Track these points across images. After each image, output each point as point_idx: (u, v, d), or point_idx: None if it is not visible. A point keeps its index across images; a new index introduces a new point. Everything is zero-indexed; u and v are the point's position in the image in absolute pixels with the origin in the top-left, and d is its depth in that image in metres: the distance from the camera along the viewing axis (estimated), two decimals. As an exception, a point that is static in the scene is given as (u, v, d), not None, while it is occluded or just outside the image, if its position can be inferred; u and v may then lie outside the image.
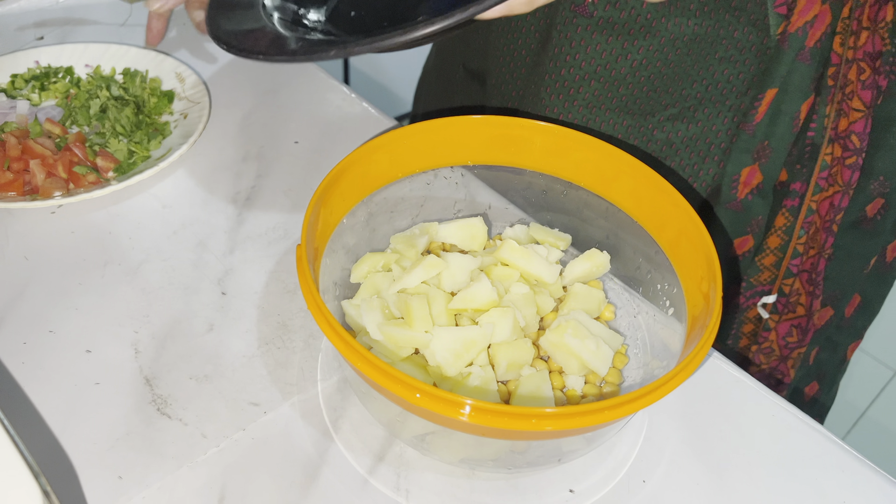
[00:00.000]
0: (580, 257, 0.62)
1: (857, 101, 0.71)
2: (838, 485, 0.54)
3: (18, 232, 0.67)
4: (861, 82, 0.71)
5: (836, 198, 0.74)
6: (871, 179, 0.74)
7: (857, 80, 0.71)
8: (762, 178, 0.75)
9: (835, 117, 0.72)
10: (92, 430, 0.54)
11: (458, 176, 0.67)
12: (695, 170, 0.78)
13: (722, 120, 0.76)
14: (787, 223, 0.76)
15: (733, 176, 0.75)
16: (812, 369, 0.85)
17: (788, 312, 0.80)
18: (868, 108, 0.71)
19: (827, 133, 0.73)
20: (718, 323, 0.50)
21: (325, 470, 0.53)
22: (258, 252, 0.67)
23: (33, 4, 0.94)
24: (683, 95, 0.75)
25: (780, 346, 0.82)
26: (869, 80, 0.70)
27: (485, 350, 0.55)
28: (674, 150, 0.77)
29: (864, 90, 0.71)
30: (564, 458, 0.54)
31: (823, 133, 0.73)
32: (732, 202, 0.76)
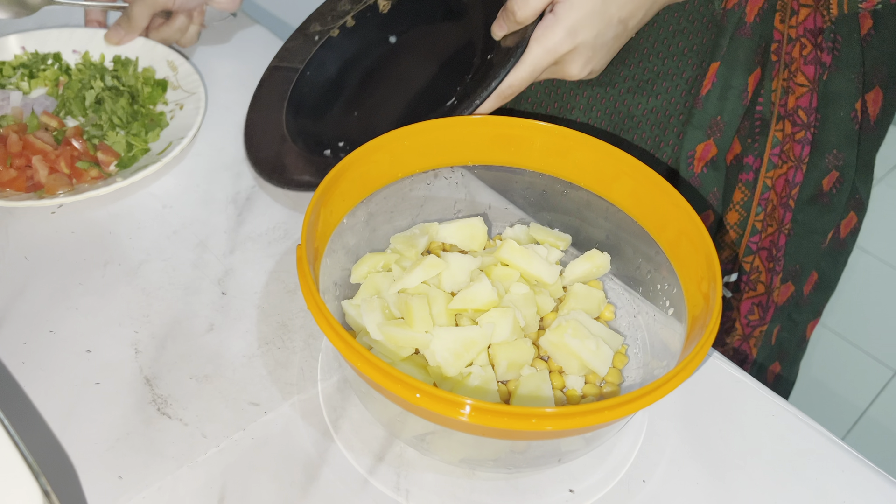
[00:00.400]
0: (580, 258, 0.62)
1: (801, 76, 0.72)
2: (838, 485, 0.54)
3: (18, 232, 0.67)
4: (803, 58, 0.72)
5: (790, 173, 0.75)
6: (825, 153, 0.75)
7: (800, 56, 0.72)
8: (716, 152, 0.76)
9: (782, 94, 0.73)
10: (92, 430, 0.54)
11: (458, 176, 0.67)
12: (656, 142, 0.79)
13: (680, 93, 0.76)
14: (745, 198, 0.77)
15: (689, 152, 0.76)
16: (774, 349, 0.86)
17: (749, 290, 0.81)
18: (812, 83, 0.72)
19: (775, 109, 0.74)
20: (718, 323, 0.50)
21: (325, 470, 0.53)
22: (258, 252, 0.67)
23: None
24: (641, 68, 0.76)
25: (742, 324, 0.84)
26: (811, 56, 0.71)
27: (485, 350, 0.55)
28: (635, 123, 0.78)
29: (806, 66, 0.72)
30: (564, 458, 0.54)
31: (772, 109, 0.74)
32: (692, 178, 0.77)
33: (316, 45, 0.80)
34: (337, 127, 0.74)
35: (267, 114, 0.75)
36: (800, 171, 0.75)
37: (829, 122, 0.74)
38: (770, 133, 0.75)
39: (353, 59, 0.80)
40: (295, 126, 0.74)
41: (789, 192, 0.76)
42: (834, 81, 0.73)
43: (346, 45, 0.80)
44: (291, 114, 0.75)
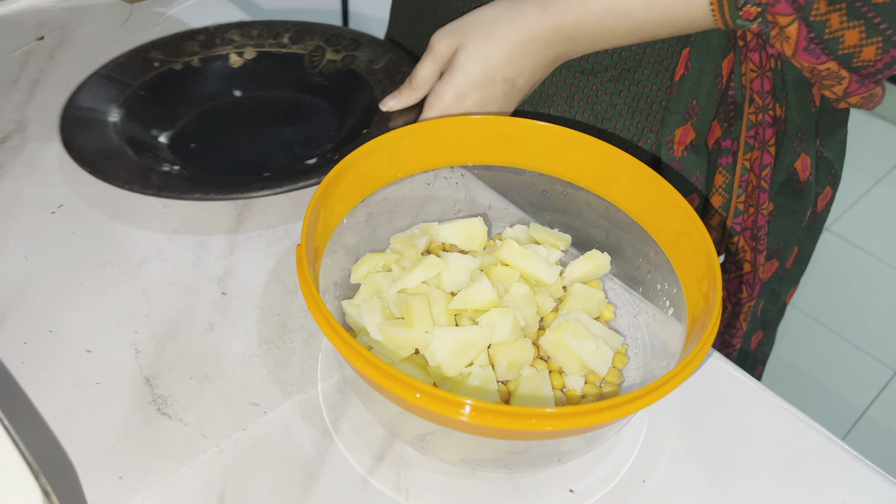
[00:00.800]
0: (580, 258, 0.62)
1: (750, 61, 0.74)
2: (838, 485, 0.54)
3: (18, 232, 0.67)
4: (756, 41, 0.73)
5: (762, 156, 0.77)
6: (793, 137, 0.77)
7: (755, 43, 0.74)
8: (695, 136, 0.78)
9: (751, 77, 0.75)
10: (92, 430, 0.54)
11: (458, 176, 0.67)
12: (639, 129, 0.80)
13: (660, 80, 0.77)
14: (726, 181, 0.79)
15: (668, 137, 0.77)
16: (758, 320, 0.89)
17: (736, 270, 0.83)
18: (759, 67, 0.74)
19: (747, 93, 0.76)
20: (718, 323, 0.50)
21: (325, 470, 0.53)
22: (258, 252, 0.67)
23: (33, 4, 0.94)
24: (623, 57, 0.76)
25: (732, 302, 0.86)
26: (753, 43, 0.73)
27: (485, 350, 0.55)
28: (618, 112, 0.79)
29: (751, 52, 0.74)
30: (564, 458, 0.54)
31: (743, 92, 0.76)
32: (673, 162, 0.78)
33: (155, 71, 0.82)
34: (171, 152, 0.76)
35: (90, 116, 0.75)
36: (766, 153, 0.77)
37: (793, 106, 0.76)
38: (744, 116, 0.77)
39: (195, 95, 0.82)
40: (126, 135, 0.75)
41: (761, 173, 0.79)
42: (789, 67, 0.74)
43: (188, 81, 0.83)
44: (121, 122, 0.76)
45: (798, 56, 0.67)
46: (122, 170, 0.68)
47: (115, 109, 0.77)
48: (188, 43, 0.85)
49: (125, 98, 0.79)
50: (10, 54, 0.87)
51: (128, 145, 0.73)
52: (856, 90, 0.69)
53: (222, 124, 0.80)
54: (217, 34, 0.86)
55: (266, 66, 0.85)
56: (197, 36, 0.86)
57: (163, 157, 0.74)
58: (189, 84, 0.83)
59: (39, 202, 0.70)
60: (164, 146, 0.76)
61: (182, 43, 0.85)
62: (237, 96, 0.83)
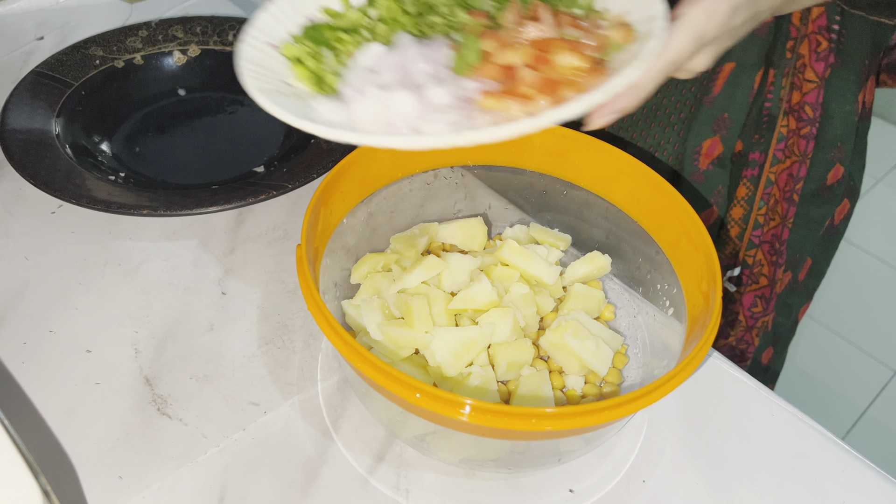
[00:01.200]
0: (581, 259, 0.62)
1: (811, 72, 0.73)
2: (838, 485, 0.54)
3: (18, 232, 0.67)
4: (816, 53, 0.72)
5: (794, 168, 0.76)
6: (831, 147, 0.76)
7: (812, 52, 0.72)
8: (723, 149, 0.76)
9: (790, 90, 0.74)
10: (92, 430, 0.54)
11: (458, 176, 0.67)
12: (656, 140, 0.79)
13: (680, 91, 0.76)
14: (749, 193, 0.78)
15: (695, 148, 0.76)
16: (770, 335, 0.88)
17: (752, 283, 0.82)
18: (820, 79, 0.73)
19: (782, 105, 0.75)
20: (718, 323, 0.50)
21: (325, 470, 0.53)
22: (258, 252, 0.67)
23: (33, 4, 0.94)
24: None
25: (745, 316, 0.85)
26: (824, 52, 0.72)
27: (485, 350, 0.55)
28: (635, 122, 0.78)
29: (817, 62, 0.72)
30: (564, 458, 0.54)
31: (780, 105, 0.75)
32: (695, 174, 0.77)
33: (96, 69, 0.81)
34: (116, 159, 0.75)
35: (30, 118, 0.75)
36: (804, 165, 0.76)
37: (835, 116, 0.75)
38: (776, 128, 0.76)
39: (138, 96, 0.81)
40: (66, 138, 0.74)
41: (793, 186, 0.77)
42: (838, 76, 0.74)
43: (130, 79, 0.82)
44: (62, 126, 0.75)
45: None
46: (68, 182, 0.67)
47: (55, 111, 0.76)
48: (130, 39, 0.84)
49: (65, 99, 0.77)
50: (10, 54, 0.87)
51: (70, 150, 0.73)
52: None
53: (167, 126, 0.79)
54: (159, 30, 0.85)
55: (211, 64, 0.84)
56: (139, 31, 0.84)
57: (107, 164, 0.73)
58: (132, 83, 0.82)
59: (39, 202, 0.70)
60: (107, 153, 0.75)
61: (124, 38, 0.84)
62: (182, 96, 0.83)
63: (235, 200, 0.66)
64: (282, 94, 0.46)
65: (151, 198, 0.67)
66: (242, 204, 0.66)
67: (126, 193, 0.68)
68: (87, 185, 0.67)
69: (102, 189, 0.67)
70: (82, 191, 0.66)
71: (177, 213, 0.65)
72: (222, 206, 0.66)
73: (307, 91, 0.48)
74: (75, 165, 0.70)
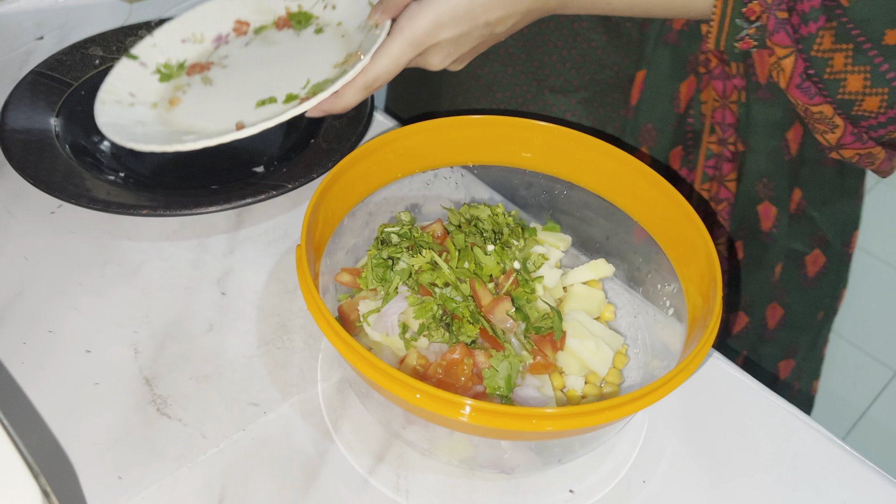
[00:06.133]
0: (585, 266, 0.61)
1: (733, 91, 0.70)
2: (838, 485, 0.54)
3: (18, 232, 0.67)
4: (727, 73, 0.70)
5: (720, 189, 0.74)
6: (756, 180, 0.73)
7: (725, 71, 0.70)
8: (651, 160, 0.74)
9: (713, 108, 0.72)
10: (92, 430, 0.54)
11: (458, 176, 0.67)
12: None
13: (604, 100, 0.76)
14: None
15: None
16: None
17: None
18: (722, 98, 0.70)
19: (707, 121, 0.72)
20: (719, 323, 0.50)
21: (325, 470, 0.53)
22: (258, 252, 0.67)
23: (33, 4, 0.94)
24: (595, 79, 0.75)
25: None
26: (718, 71, 0.69)
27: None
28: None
29: (714, 80, 0.70)
30: (564, 458, 0.54)
31: (703, 120, 0.73)
32: None
33: (95, 69, 0.81)
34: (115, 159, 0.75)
35: (30, 118, 0.74)
36: (724, 187, 0.74)
37: (756, 148, 0.72)
38: (703, 145, 0.74)
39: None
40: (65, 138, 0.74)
41: (717, 207, 0.75)
42: (757, 107, 0.70)
43: None
44: (61, 125, 0.75)
45: (791, 91, 0.62)
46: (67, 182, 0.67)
47: (54, 111, 0.76)
48: (129, 39, 0.84)
49: (65, 99, 0.77)
50: (10, 54, 0.87)
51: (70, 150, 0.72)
52: (850, 143, 0.63)
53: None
54: None
55: None
56: (138, 31, 0.84)
57: (106, 164, 0.73)
58: None
59: (39, 202, 0.70)
60: (106, 153, 0.75)
61: (123, 38, 0.84)
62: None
63: (235, 200, 0.66)
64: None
65: (151, 198, 0.67)
66: (242, 204, 0.66)
67: (126, 193, 0.68)
68: (86, 184, 0.67)
69: (102, 189, 0.67)
70: (81, 190, 0.66)
71: (176, 213, 0.65)
72: (222, 206, 0.66)
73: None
74: (75, 165, 0.70)
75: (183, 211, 0.65)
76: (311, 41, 0.75)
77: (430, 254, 0.56)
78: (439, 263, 0.56)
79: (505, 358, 0.52)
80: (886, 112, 0.59)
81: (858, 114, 0.60)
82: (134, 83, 0.73)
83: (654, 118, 0.73)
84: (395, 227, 0.59)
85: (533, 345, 0.54)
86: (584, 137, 0.61)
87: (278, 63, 0.74)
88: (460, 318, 0.54)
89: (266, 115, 0.64)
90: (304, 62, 0.73)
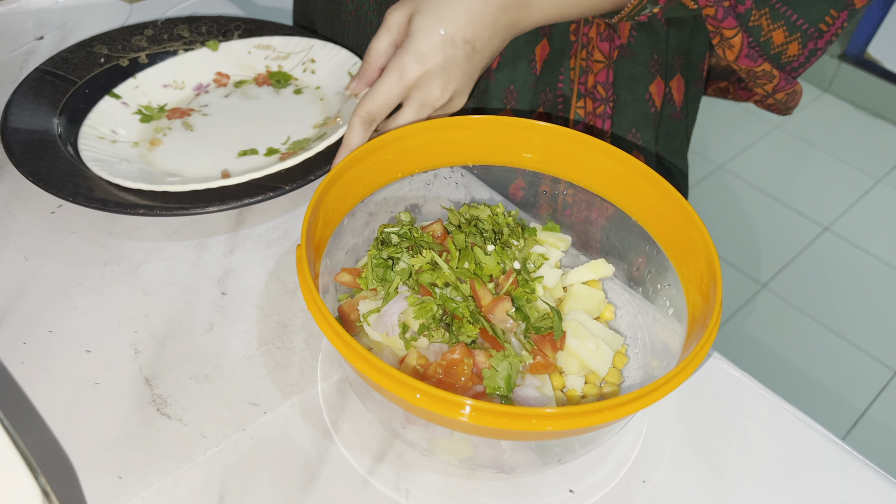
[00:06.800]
0: (585, 266, 0.62)
1: (598, 53, 0.78)
2: (838, 485, 0.54)
3: (18, 232, 0.67)
4: (599, 35, 0.78)
5: None
6: (626, 132, 0.82)
7: (597, 35, 0.78)
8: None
9: (581, 73, 0.79)
10: (92, 430, 0.54)
11: (458, 176, 0.67)
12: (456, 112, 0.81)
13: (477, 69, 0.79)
14: None
15: None
16: None
17: None
18: (607, 58, 0.79)
19: (575, 87, 0.80)
20: (719, 323, 0.50)
21: (325, 470, 0.53)
22: (258, 252, 0.67)
23: (33, 4, 0.94)
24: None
25: None
26: (605, 34, 0.78)
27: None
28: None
29: (602, 42, 0.78)
30: (564, 458, 0.54)
31: (572, 86, 0.80)
32: None
33: (100, 67, 0.81)
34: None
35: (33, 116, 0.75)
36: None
37: (625, 102, 0.80)
38: (572, 109, 0.80)
39: None
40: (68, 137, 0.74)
41: None
42: (627, 64, 0.79)
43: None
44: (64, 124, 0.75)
45: (740, 61, 0.74)
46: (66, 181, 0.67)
47: (57, 109, 0.76)
48: (135, 37, 0.84)
49: (69, 97, 0.77)
50: (10, 54, 0.87)
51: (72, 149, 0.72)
52: (783, 87, 0.78)
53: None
54: (165, 29, 0.85)
55: None
56: (144, 30, 0.85)
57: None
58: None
59: (39, 202, 0.70)
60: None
61: (129, 37, 0.84)
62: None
63: (233, 200, 0.66)
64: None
65: (150, 197, 0.67)
66: (242, 204, 0.66)
67: (125, 193, 0.68)
68: (86, 184, 0.67)
69: (101, 188, 0.67)
70: (81, 189, 0.66)
71: (175, 212, 0.65)
72: (220, 207, 0.66)
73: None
74: (76, 164, 0.70)
75: (182, 211, 0.65)
76: (290, 100, 0.82)
77: (430, 254, 0.56)
78: (439, 263, 0.56)
79: (505, 358, 0.52)
80: (803, 52, 0.74)
81: (785, 61, 0.75)
82: (116, 121, 0.77)
83: (515, 80, 0.79)
84: (395, 228, 0.59)
85: (533, 345, 0.55)
86: (584, 137, 0.61)
87: (258, 117, 0.79)
88: (460, 318, 0.54)
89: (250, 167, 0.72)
90: (284, 119, 0.79)
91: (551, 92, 0.80)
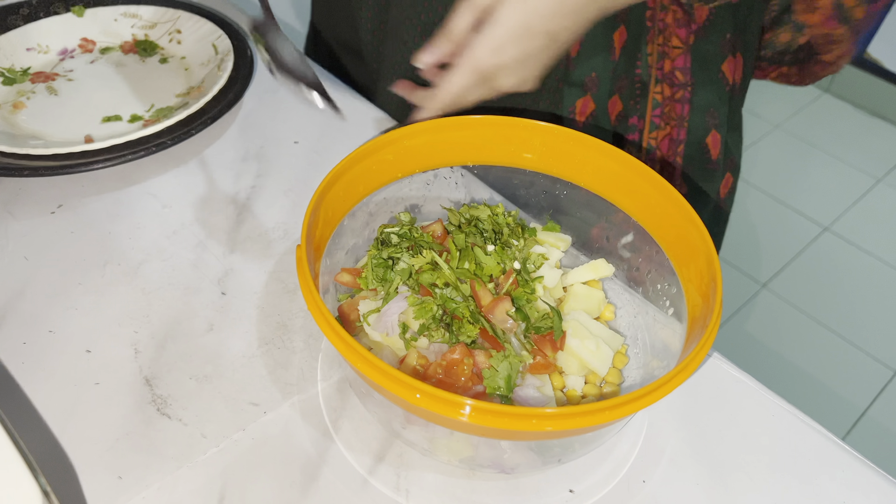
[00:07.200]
0: (585, 266, 0.62)
1: (676, 39, 0.78)
2: (838, 485, 0.54)
3: (18, 232, 0.67)
4: (676, 21, 0.78)
5: (674, 132, 0.81)
6: (704, 112, 0.82)
7: (673, 21, 0.78)
8: (594, 107, 0.80)
9: (658, 58, 0.79)
10: (92, 430, 0.54)
11: (458, 176, 0.67)
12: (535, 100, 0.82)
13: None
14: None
15: (569, 108, 0.80)
16: None
17: None
18: (684, 44, 0.79)
19: (653, 73, 0.79)
20: (719, 323, 0.50)
21: (325, 470, 0.53)
22: (258, 252, 0.67)
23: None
24: None
25: None
26: (683, 19, 0.78)
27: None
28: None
29: (679, 28, 0.78)
30: (564, 458, 0.54)
31: (650, 72, 0.79)
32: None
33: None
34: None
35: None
36: (682, 129, 0.81)
37: (703, 82, 0.81)
38: (650, 95, 0.80)
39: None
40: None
41: (675, 149, 0.82)
42: (703, 44, 0.79)
43: None
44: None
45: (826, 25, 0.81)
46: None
47: None
48: (10, 17, 0.84)
49: None
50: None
51: None
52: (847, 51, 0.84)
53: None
54: (41, 7, 0.85)
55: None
56: (20, 10, 0.85)
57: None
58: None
59: (39, 202, 0.70)
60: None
61: (4, 17, 0.84)
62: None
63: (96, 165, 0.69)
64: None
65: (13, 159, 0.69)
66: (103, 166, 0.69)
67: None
68: None
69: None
70: None
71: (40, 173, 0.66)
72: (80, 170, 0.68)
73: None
74: None
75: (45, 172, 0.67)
76: (155, 69, 0.84)
77: (430, 254, 0.56)
78: (439, 263, 0.56)
79: (505, 358, 0.52)
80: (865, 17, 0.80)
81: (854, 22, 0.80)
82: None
83: (595, 67, 0.79)
84: (395, 228, 0.59)
85: (533, 345, 0.55)
86: (584, 137, 0.61)
87: (123, 84, 0.81)
88: (460, 318, 0.54)
89: (113, 132, 0.74)
90: (149, 87, 0.81)
91: (628, 78, 0.80)
